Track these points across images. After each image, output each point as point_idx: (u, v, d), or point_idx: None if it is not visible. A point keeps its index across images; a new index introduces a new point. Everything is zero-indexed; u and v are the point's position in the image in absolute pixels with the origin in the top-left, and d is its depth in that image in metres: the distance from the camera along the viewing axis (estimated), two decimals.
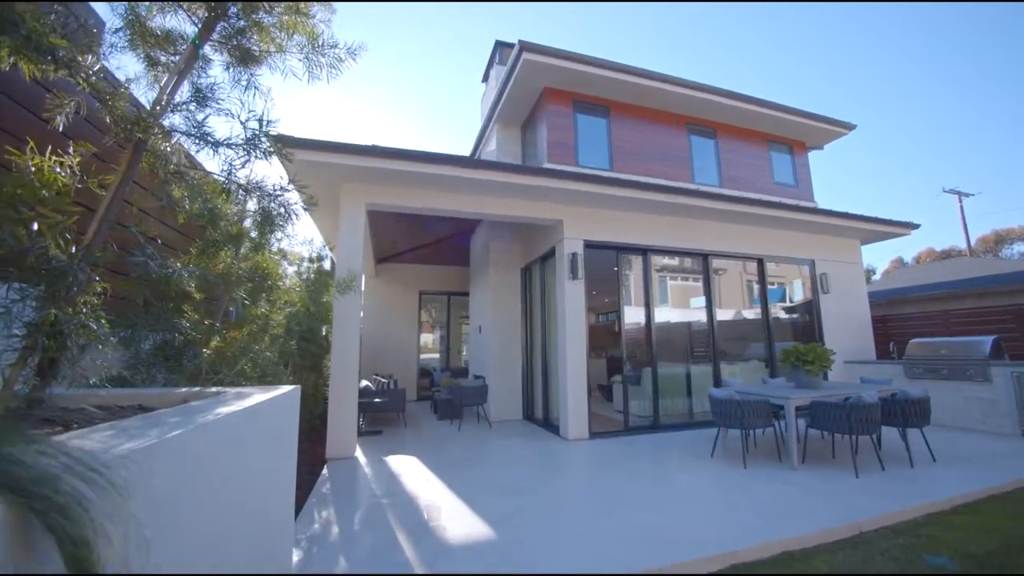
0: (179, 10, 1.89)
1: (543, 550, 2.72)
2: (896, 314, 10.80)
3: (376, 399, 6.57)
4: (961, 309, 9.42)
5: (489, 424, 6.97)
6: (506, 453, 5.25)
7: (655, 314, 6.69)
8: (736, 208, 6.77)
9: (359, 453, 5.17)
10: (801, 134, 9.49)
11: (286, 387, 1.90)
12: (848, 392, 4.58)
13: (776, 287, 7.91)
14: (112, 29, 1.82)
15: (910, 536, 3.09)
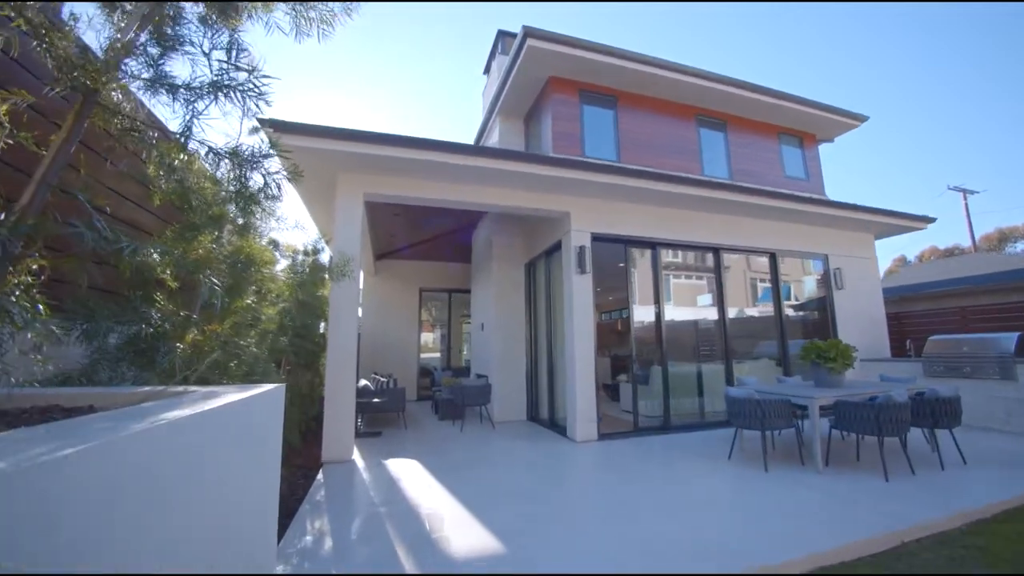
0: None
1: (559, 565, 2.46)
2: (910, 311, 10.52)
3: (375, 399, 6.32)
4: (979, 305, 9.13)
5: (492, 425, 6.71)
6: (512, 456, 4.99)
7: (665, 311, 6.43)
8: (749, 200, 6.51)
9: (357, 456, 4.90)
10: (812, 126, 9.23)
11: (267, 386, 1.64)
12: (873, 391, 4.33)
13: (781, 285, 7.62)
14: None
15: (956, 547, 2.84)
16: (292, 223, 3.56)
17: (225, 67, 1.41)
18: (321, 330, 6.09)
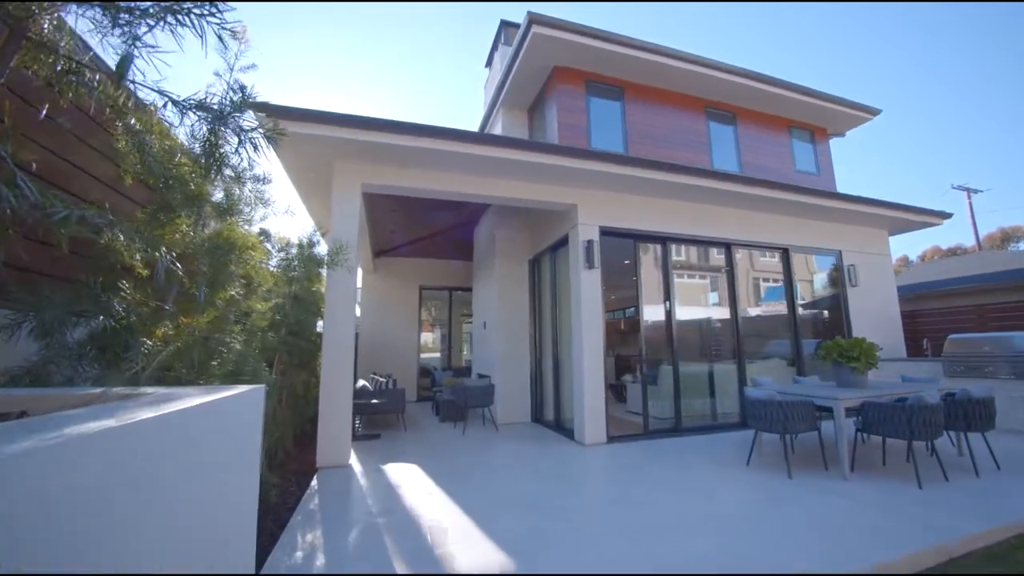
0: None
1: None
2: (922, 309, 10.26)
3: (373, 400, 6.07)
4: (996, 303, 8.88)
5: (496, 427, 6.45)
6: (518, 460, 4.73)
7: (675, 308, 6.17)
8: (762, 192, 6.26)
9: (354, 460, 4.64)
10: (824, 119, 8.98)
11: (242, 387, 1.39)
12: (901, 391, 4.08)
13: (781, 284, 7.34)
14: None
15: (1009, 563, 2.59)
16: (282, 209, 3.28)
17: None
18: (317, 328, 5.83)
